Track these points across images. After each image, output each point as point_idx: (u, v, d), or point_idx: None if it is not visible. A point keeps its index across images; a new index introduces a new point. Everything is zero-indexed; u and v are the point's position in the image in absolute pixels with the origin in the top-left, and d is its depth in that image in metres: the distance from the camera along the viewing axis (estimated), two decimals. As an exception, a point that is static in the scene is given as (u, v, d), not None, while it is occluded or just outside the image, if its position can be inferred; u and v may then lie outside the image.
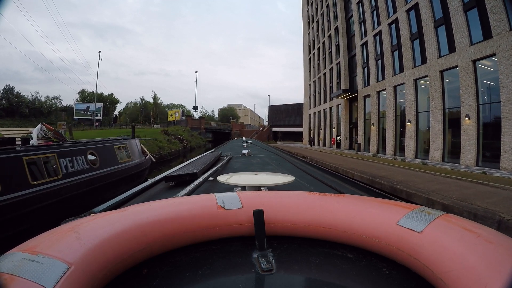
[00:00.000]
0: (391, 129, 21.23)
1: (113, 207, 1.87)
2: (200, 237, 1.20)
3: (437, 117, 17.44)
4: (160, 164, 18.98)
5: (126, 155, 9.43)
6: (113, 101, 53.91)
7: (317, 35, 40.00)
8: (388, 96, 21.76)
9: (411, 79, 19.62)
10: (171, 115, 55.78)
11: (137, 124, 41.40)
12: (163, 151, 21.90)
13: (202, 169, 3.60)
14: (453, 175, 9.20)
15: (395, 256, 1.05)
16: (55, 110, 48.01)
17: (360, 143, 25.61)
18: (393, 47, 22.03)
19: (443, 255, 0.85)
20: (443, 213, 1.05)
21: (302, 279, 1.06)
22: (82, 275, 0.76)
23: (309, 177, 3.79)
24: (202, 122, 52.13)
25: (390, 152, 21.11)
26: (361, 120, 26.00)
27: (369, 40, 25.00)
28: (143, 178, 10.78)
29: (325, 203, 1.28)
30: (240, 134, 52.35)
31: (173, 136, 30.67)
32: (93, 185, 6.92)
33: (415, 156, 19.01)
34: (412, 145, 19.16)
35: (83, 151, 6.90)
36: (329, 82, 34.68)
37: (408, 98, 19.75)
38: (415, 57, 19.96)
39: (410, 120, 19.31)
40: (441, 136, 17.21)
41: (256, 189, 1.95)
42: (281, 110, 65.09)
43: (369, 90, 24.70)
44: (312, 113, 41.68)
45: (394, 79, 21.34)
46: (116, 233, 0.96)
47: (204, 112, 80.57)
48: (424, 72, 18.59)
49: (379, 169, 10.83)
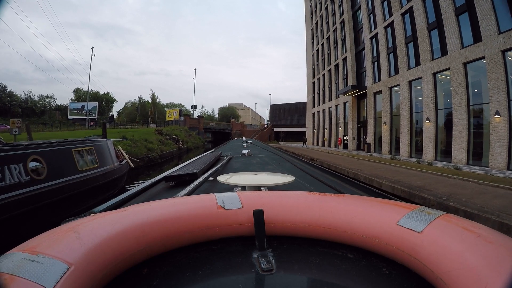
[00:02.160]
0: (406, 128, 19.37)
1: (113, 207, 1.80)
2: (200, 237, 1.20)
3: (461, 115, 15.60)
4: (146, 169, 16.44)
5: (91, 160, 7.53)
6: (109, 100, 52.17)
7: (321, 30, 38.18)
8: (402, 92, 19.89)
9: (429, 72, 17.76)
10: (170, 115, 54.42)
11: (132, 124, 39.67)
12: (153, 153, 19.54)
13: (202, 169, 3.54)
14: (506, 185, 7.36)
15: (395, 256, 1.04)
16: (49, 110, 46.38)
17: (370, 144, 23.70)
18: (407, 39, 20.18)
19: (443, 255, 0.84)
20: (443, 213, 1.04)
21: (302, 279, 1.04)
22: (82, 275, 0.76)
23: (309, 177, 3.75)
24: (201, 122, 50.23)
25: (405, 154, 19.25)
26: (371, 119, 24.11)
27: (380, 32, 23.15)
28: (118, 188, 8.99)
29: (325, 203, 1.28)
30: (241, 134, 50.54)
31: (168, 136, 28.48)
32: (35, 204, 5.09)
33: (434, 158, 17.14)
34: (431, 146, 17.29)
35: (22, 157, 5.03)
36: (334, 79, 32.83)
37: (426, 94, 17.88)
38: (433, 49, 18.14)
39: (428, 118, 17.44)
40: (465, 135, 15.38)
41: (256, 189, 1.92)
42: (283, 109, 63.12)
43: (380, 86, 22.82)
44: (316, 112, 39.83)
45: (409, 74, 19.48)
46: (116, 233, 0.96)
47: (204, 111, 78.91)
48: (445, 65, 16.76)
49: (409, 176, 9.00)
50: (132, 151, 15.41)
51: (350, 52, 28.38)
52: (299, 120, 55.53)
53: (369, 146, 23.50)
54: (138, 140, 19.00)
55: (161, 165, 19.61)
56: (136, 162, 14.17)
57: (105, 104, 51.28)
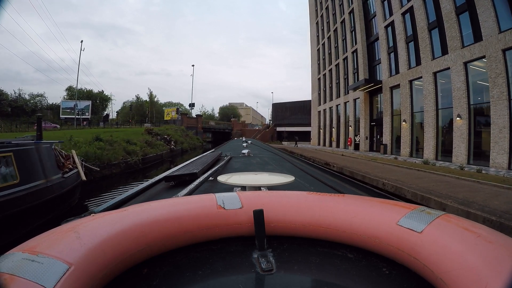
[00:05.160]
0: (431, 127, 16.88)
1: (113, 207, 1.77)
2: (200, 237, 1.19)
3: (501, 110, 13.13)
4: (118, 180, 12.63)
5: (6, 174, 5.14)
6: (103, 99, 49.83)
7: (327, 23, 35.71)
8: (426, 85, 17.40)
9: (459, 62, 15.28)
10: (168, 114, 52.22)
11: (125, 124, 37.23)
12: (132, 158, 15.66)
13: (202, 169, 3.48)
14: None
15: (395, 256, 1.04)
16: (40, 109, 44.07)
17: (386, 144, 21.19)
18: (430, 25, 17.71)
19: (443, 255, 0.84)
20: (443, 213, 1.04)
21: (302, 279, 1.03)
22: (82, 275, 0.76)
23: (309, 177, 3.70)
24: (199, 121, 47.65)
25: (430, 156, 16.76)
26: (387, 116, 21.60)
27: (397, 20, 20.67)
28: (63, 211, 6.58)
29: (325, 203, 1.27)
30: (242, 134, 48.01)
31: (159, 136, 25.25)
32: None
33: (467, 161, 14.66)
34: (463, 147, 14.80)
35: None
36: (343, 74, 30.35)
37: (456, 86, 15.39)
38: (462, 35, 15.68)
39: (460, 115, 14.95)
40: (507, 135, 12.92)
41: (256, 189, 1.91)
42: (286, 108, 60.57)
43: (398, 79, 20.33)
44: (322, 110, 37.35)
45: (434, 64, 16.99)
46: (116, 233, 0.95)
47: (204, 111, 76.47)
48: (479, 53, 14.30)
49: (474, 192, 6.52)
50: (103, 156, 12.60)
51: (361, 43, 25.90)
52: (303, 119, 53.21)
53: (385, 147, 21.00)
54: (116, 142, 15.82)
55: (143, 171, 16.15)
56: (98, 172, 11.03)
57: (99, 103, 48.90)
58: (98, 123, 41.47)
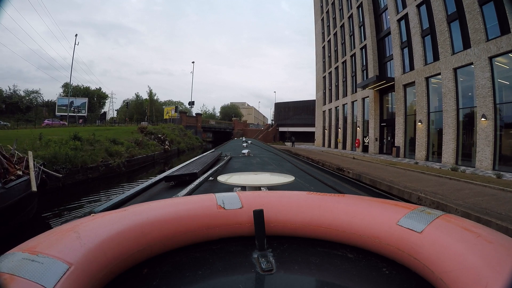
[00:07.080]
0: (451, 128, 15.40)
1: (113, 207, 1.76)
2: (200, 237, 1.18)
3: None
4: (93, 187, 10.92)
5: None
6: (101, 96, 48.48)
7: (333, 19, 34.24)
8: (446, 82, 15.91)
9: (484, 56, 13.79)
10: (167, 113, 50.92)
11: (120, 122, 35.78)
12: (114, 160, 13.70)
13: (202, 169, 3.46)
14: None
15: (395, 256, 1.03)
16: (35, 106, 42.84)
17: (399, 147, 19.69)
18: (449, 17, 16.24)
19: (443, 255, 0.84)
20: (443, 213, 1.03)
21: (302, 279, 1.02)
22: (82, 275, 0.76)
23: (309, 177, 3.67)
24: (199, 120, 46.10)
25: (450, 160, 15.27)
26: (400, 117, 20.11)
27: (411, 12, 19.19)
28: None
29: (325, 203, 1.26)
30: (243, 134, 46.54)
31: (153, 135, 23.41)
32: None
33: (492, 167, 13.18)
34: (489, 151, 13.31)
35: None
36: (350, 72, 28.86)
37: (480, 83, 13.90)
38: (486, 27, 14.21)
39: (485, 115, 13.47)
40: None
41: (256, 189, 1.90)
42: (289, 107, 59.05)
43: (412, 77, 18.84)
44: (327, 109, 35.87)
45: (454, 59, 15.50)
46: (116, 233, 0.95)
47: (205, 110, 75.07)
48: (507, 46, 12.83)
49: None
50: (77, 158, 10.86)
51: (370, 39, 24.41)
52: (306, 120, 51.81)
53: (397, 150, 19.51)
54: (98, 141, 14.11)
55: (128, 175, 14.25)
56: (61, 179, 9.28)
57: (96, 100, 47.56)
58: (95, 121, 40.20)
